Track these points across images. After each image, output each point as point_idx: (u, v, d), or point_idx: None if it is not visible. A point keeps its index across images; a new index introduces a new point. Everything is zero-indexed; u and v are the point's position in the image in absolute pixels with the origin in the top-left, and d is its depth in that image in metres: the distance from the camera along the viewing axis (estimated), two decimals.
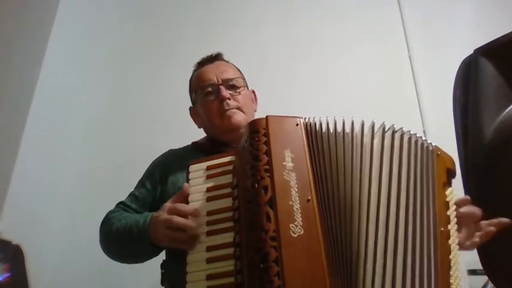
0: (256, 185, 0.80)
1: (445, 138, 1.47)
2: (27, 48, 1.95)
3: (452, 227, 0.82)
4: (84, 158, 1.99)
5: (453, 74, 0.76)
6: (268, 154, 0.83)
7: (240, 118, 1.18)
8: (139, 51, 2.23)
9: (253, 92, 1.33)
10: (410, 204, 0.79)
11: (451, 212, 0.84)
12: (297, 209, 0.77)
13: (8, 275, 1.22)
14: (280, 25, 2.20)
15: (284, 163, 0.82)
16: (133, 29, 2.27)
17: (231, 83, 1.21)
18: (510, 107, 0.67)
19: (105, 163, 1.97)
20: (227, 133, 1.19)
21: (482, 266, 0.70)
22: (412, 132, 0.84)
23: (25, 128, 1.83)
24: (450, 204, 0.84)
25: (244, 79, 1.28)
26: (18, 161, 1.75)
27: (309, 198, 0.79)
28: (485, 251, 0.69)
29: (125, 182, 1.87)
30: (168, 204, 0.91)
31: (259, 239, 0.75)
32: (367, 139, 0.83)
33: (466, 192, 0.83)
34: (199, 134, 1.35)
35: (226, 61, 1.31)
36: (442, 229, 0.78)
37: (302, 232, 0.75)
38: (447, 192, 0.84)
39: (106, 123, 2.07)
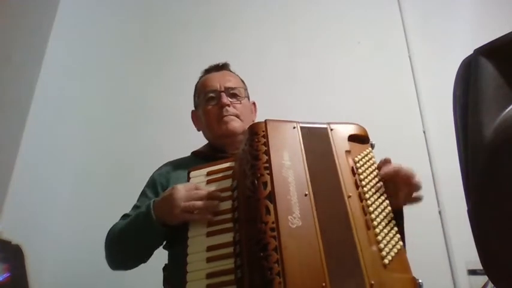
0: (256, 181, 0.83)
1: (445, 138, 1.47)
2: (27, 48, 1.95)
3: (371, 189, 0.88)
4: (84, 158, 1.99)
5: (453, 74, 0.75)
6: (267, 153, 0.87)
7: (236, 125, 1.22)
8: (139, 51, 2.23)
9: (253, 103, 1.37)
10: (324, 184, 0.86)
11: (368, 175, 0.90)
12: (295, 202, 0.81)
13: (8, 275, 1.22)
14: (280, 25, 2.20)
15: (282, 161, 0.86)
16: (133, 28, 2.27)
17: (232, 91, 1.26)
18: (510, 107, 0.67)
19: (105, 163, 1.97)
20: (223, 138, 1.23)
21: (482, 266, 0.69)
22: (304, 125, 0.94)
23: (25, 128, 1.83)
24: (364, 168, 0.90)
25: (246, 90, 1.33)
26: (18, 161, 1.75)
27: (306, 193, 0.83)
28: (485, 251, 0.69)
29: (124, 182, 1.88)
30: (180, 185, 0.96)
31: (259, 230, 0.78)
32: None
33: (467, 192, 0.83)
34: (199, 135, 1.35)
35: (232, 71, 1.36)
36: (350, 194, 0.85)
37: (300, 223, 0.78)
38: (357, 157, 0.92)
39: (106, 123, 2.07)
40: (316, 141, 0.92)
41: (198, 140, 1.34)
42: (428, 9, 2.12)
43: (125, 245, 1.08)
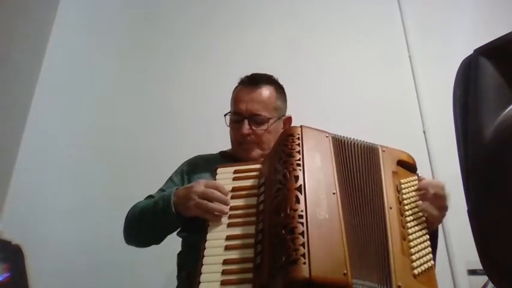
0: (288, 174, 0.89)
1: (445, 138, 1.47)
2: (27, 48, 1.95)
3: (411, 209, 0.95)
4: (84, 158, 1.98)
5: (453, 74, 0.75)
6: (300, 153, 0.93)
7: (255, 154, 1.24)
8: (139, 51, 2.23)
9: (288, 118, 1.33)
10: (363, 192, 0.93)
11: (410, 197, 0.96)
12: (323, 198, 0.86)
13: (8, 275, 1.22)
14: (279, 25, 2.20)
15: (314, 162, 0.92)
16: (133, 28, 2.27)
17: (257, 119, 1.24)
18: (510, 107, 0.67)
19: (105, 163, 1.97)
20: (242, 159, 1.24)
21: (482, 266, 0.70)
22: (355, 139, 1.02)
23: (25, 128, 1.83)
24: (407, 191, 0.97)
25: (277, 110, 1.28)
26: (18, 161, 1.75)
27: (334, 192, 0.88)
28: (485, 251, 0.69)
29: (125, 182, 1.88)
30: (203, 181, 1.01)
31: (288, 216, 0.82)
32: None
33: (467, 192, 0.83)
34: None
35: (269, 85, 1.30)
36: (391, 207, 0.91)
37: (327, 216, 0.83)
38: (404, 179, 0.98)
39: (106, 123, 2.07)
40: (361, 155, 0.99)
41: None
42: (429, 10, 2.12)
43: (142, 224, 1.12)
